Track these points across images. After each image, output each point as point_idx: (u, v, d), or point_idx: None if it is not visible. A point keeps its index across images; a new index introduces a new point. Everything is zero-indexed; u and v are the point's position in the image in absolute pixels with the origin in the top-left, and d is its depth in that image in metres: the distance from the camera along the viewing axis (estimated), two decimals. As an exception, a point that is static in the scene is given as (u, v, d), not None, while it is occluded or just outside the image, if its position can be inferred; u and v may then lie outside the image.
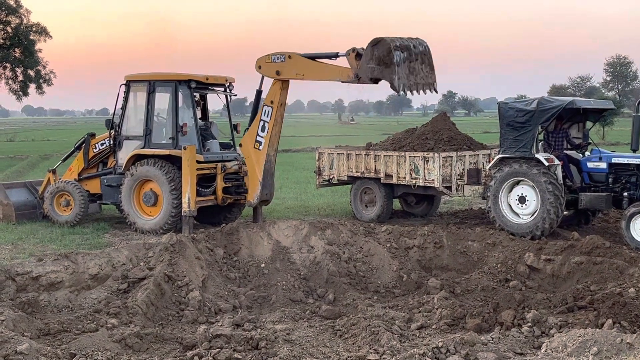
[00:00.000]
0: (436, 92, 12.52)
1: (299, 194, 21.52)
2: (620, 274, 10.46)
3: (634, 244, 12.65)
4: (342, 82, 13.06)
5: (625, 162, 13.77)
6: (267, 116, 14.04)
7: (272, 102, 14.01)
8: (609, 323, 8.55)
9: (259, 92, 14.60)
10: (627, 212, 13.01)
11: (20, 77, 42.87)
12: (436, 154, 15.47)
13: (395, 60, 11.63)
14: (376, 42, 11.83)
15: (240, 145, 14.64)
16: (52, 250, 12.98)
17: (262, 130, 14.13)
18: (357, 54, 12.58)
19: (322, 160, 17.57)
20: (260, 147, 14.19)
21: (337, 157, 17.12)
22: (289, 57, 13.49)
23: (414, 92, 12.27)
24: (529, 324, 8.72)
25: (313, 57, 13.45)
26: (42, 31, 41.99)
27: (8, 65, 42.26)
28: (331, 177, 17.47)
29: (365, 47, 12.34)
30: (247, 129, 14.54)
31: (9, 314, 8.66)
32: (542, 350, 7.46)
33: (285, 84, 14.03)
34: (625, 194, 13.55)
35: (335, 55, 13.07)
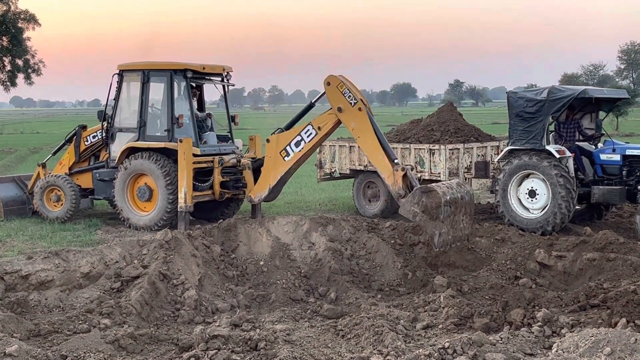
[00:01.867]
0: (468, 242, 12.23)
1: (300, 188, 21.54)
2: (634, 271, 10.48)
3: (649, 239, 12.68)
4: (383, 181, 12.92)
5: (640, 154, 13.78)
6: (308, 137, 13.76)
7: (319, 128, 13.71)
8: (623, 322, 8.55)
9: (311, 105, 14.51)
10: (641, 207, 13.03)
11: (8, 67, 42.78)
12: (442, 146, 15.48)
13: (442, 216, 11.50)
14: (428, 191, 11.54)
15: (268, 140, 14.34)
16: (42, 247, 12.99)
17: (296, 146, 13.86)
18: (404, 174, 12.36)
19: (324, 153, 17.57)
20: (287, 159, 13.96)
21: (339, 150, 17.13)
22: (359, 109, 13.10)
23: (447, 247, 11.96)
24: (540, 324, 8.74)
25: (377, 132, 13.01)
26: (31, 19, 41.90)
27: (-5, 54, 42.22)
28: (333, 170, 17.49)
29: (414, 186, 12.07)
30: (282, 130, 14.31)
31: (-3, 314, 8.69)
32: (553, 351, 7.47)
33: (339, 122, 13.66)
34: (640, 187, 13.57)
35: (391, 160, 12.88)
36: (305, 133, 13.75)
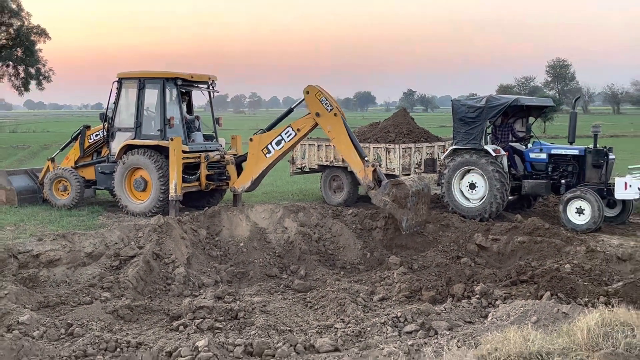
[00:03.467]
0: (425, 226, 12.27)
1: (275, 180, 21.49)
2: (557, 252, 10.60)
3: (570, 225, 12.83)
4: (356, 175, 12.85)
5: (563, 153, 13.93)
6: (288, 138, 13.57)
7: (298, 130, 13.53)
8: (547, 295, 8.66)
9: (290, 110, 14.38)
10: (564, 198, 13.16)
11: (22, 74, 42.43)
12: (397, 146, 15.52)
13: (410, 205, 11.57)
14: (398, 184, 11.65)
15: (251, 140, 14.09)
16: (51, 230, 12.84)
17: (277, 145, 13.66)
18: (374, 170, 12.41)
19: (296, 151, 17.51)
20: (268, 155, 13.79)
21: (308, 148, 17.10)
22: (335, 114, 12.99)
23: (412, 230, 11.96)
24: (477, 296, 8.81)
25: (350, 134, 12.97)
26: (42, 33, 41.60)
27: (11, 63, 41.85)
28: (303, 165, 17.46)
29: (384, 181, 12.08)
30: (264, 130, 14.06)
31: (11, 288, 8.60)
32: (489, 319, 7.54)
33: (316, 125, 13.47)
34: (563, 181, 13.72)
35: (362, 158, 12.82)
36: (286, 134, 13.65)
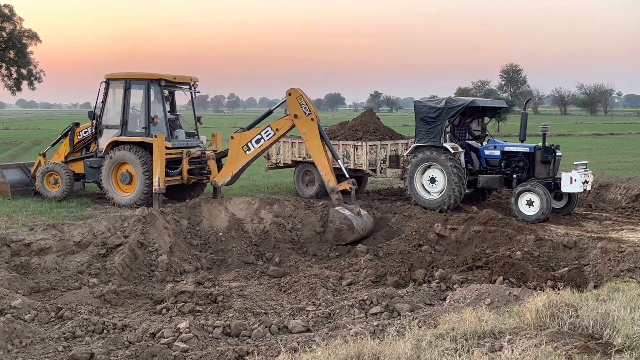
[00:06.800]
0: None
1: (252, 175, 21.41)
2: (509, 240, 10.72)
3: (521, 216, 12.95)
4: (322, 180, 12.85)
5: (515, 150, 14.05)
6: (267, 136, 13.43)
7: (277, 130, 13.41)
8: (500, 279, 8.76)
9: (270, 111, 14.27)
10: (515, 191, 13.28)
11: (15, 75, 41.92)
12: (364, 143, 15.55)
13: (336, 243, 11.61)
14: (351, 229, 11.57)
15: (232, 137, 13.90)
16: (42, 221, 12.65)
17: (257, 143, 13.51)
18: (350, 187, 12.44)
19: (271, 147, 17.45)
20: (247, 152, 13.65)
21: (283, 145, 17.05)
22: (312, 119, 12.92)
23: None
24: (437, 281, 8.89)
25: (324, 138, 12.95)
26: (33, 36, 41.16)
27: (3, 64, 41.33)
28: (278, 161, 17.41)
29: (353, 206, 12.10)
30: (244, 129, 13.91)
31: (4, 275, 8.49)
32: (447, 301, 7.60)
33: (294, 126, 13.37)
34: (515, 176, 13.83)
35: (335, 159, 12.84)
36: (265, 133, 13.56)
